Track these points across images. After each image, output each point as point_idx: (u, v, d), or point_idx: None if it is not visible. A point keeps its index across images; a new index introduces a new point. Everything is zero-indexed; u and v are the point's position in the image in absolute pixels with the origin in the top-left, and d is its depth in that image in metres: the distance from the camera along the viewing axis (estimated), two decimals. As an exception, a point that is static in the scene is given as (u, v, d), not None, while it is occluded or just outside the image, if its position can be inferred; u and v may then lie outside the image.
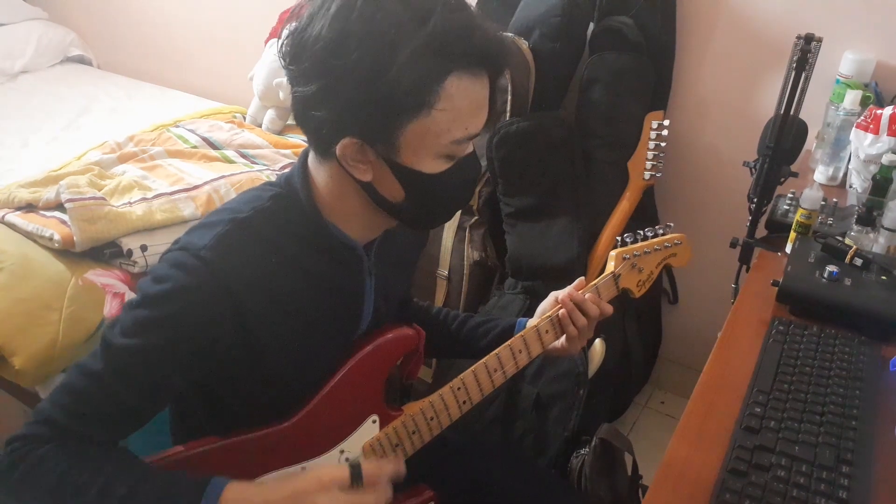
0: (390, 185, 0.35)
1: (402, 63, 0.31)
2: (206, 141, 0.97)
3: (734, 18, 0.80)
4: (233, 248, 0.34)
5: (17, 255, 0.71)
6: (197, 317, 0.33)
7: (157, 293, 0.34)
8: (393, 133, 0.33)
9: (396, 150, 0.33)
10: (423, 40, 0.31)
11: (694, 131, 0.87)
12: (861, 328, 0.47)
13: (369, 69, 0.31)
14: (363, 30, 0.31)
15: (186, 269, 0.34)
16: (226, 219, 0.35)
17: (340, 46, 0.31)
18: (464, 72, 0.32)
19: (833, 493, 0.35)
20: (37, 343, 0.65)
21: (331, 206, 0.37)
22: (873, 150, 0.63)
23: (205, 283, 0.33)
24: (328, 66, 0.31)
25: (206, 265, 0.33)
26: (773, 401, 0.41)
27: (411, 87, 0.31)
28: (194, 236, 0.35)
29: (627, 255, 0.46)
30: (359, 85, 0.31)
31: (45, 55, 1.33)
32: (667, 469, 0.38)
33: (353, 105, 0.32)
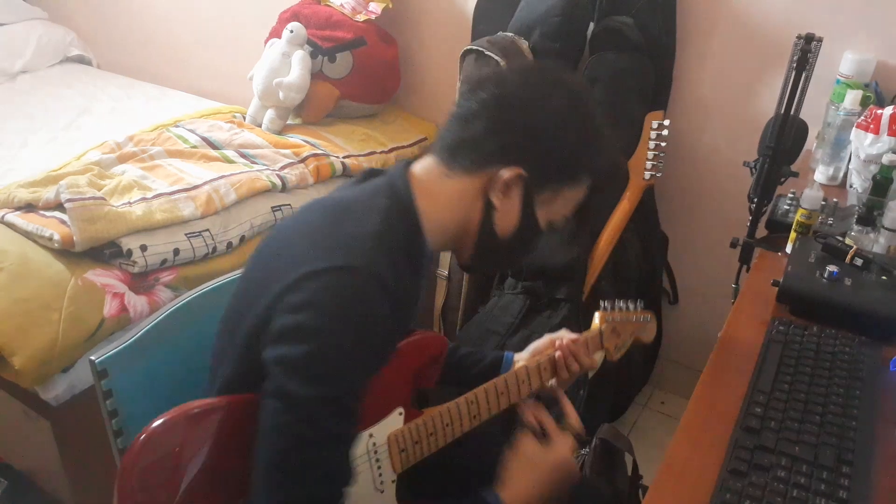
0: (509, 219, 0.41)
1: (588, 153, 0.41)
2: (206, 141, 0.97)
3: (734, 18, 0.80)
4: (385, 261, 0.36)
5: (17, 255, 0.71)
6: (390, 332, 0.36)
7: (344, 324, 0.33)
8: (552, 185, 0.41)
9: (540, 196, 0.41)
10: (602, 151, 0.42)
11: (694, 131, 0.87)
12: (861, 328, 0.47)
13: (573, 143, 0.40)
14: (581, 119, 0.41)
15: (362, 290, 0.34)
16: (370, 232, 0.36)
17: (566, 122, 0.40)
18: (594, 180, 0.42)
19: (833, 493, 0.35)
20: (37, 343, 0.65)
21: (433, 216, 0.40)
22: (873, 150, 0.63)
23: (384, 299, 0.35)
24: (538, 130, 0.40)
25: (379, 282, 0.35)
26: (773, 401, 0.41)
27: (582, 168, 0.41)
28: (346, 255, 0.35)
29: (610, 318, 0.53)
30: (557, 148, 0.40)
31: (45, 55, 1.33)
32: (667, 469, 0.38)
33: (547, 157, 0.40)
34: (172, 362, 0.48)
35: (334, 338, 0.33)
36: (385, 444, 0.41)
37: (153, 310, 0.71)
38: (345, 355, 0.33)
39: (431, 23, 1.02)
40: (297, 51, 1.00)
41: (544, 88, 0.40)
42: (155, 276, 0.74)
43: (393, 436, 0.41)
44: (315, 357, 0.33)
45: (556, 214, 0.42)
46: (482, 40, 0.83)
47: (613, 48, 0.80)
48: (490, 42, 0.82)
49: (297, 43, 1.01)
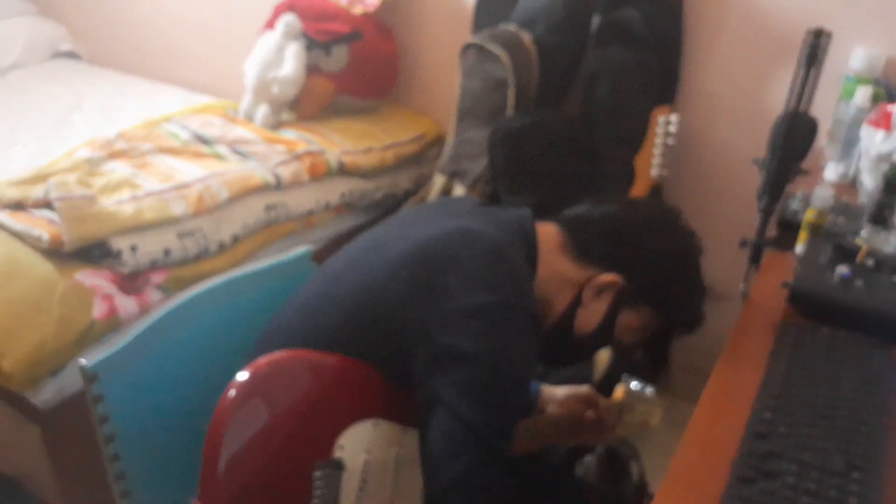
0: (590, 319, 0.43)
1: (685, 297, 0.45)
2: (198, 137, 0.95)
3: (743, 12, 0.78)
4: (529, 297, 0.40)
5: (5, 255, 0.69)
6: (534, 351, 0.39)
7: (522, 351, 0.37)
8: (636, 304, 0.43)
9: (625, 311, 0.43)
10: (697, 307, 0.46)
11: (703, 127, 0.86)
12: (873, 330, 0.46)
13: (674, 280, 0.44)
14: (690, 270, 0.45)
15: (518, 322, 0.37)
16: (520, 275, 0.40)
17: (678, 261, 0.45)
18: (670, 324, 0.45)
19: (843, 499, 0.34)
20: (26, 345, 0.63)
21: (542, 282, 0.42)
22: (884, 148, 0.62)
23: (529, 324, 0.38)
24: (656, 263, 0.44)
25: (526, 312, 0.38)
26: (782, 405, 0.40)
27: (676, 308, 0.45)
28: (510, 293, 0.38)
29: (629, 394, 0.54)
30: (665, 270, 0.44)
31: (35, 51, 1.30)
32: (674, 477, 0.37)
33: (650, 277, 0.43)
34: (164, 366, 0.47)
35: (508, 368, 0.36)
36: None
37: (144, 311, 0.69)
38: (514, 385, 0.37)
39: (431, 15, 1.00)
40: (292, 44, 0.98)
41: (667, 224, 0.44)
42: (146, 277, 0.72)
43: None
44: (490, 386, 0.36)
45: (630, 333, 0.44)
46: (483, 34, 0.82)
47: (618, 42, 0.79)
48: (491, 35, 0.81)
49: (292, 36, 0.99)
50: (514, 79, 0.79)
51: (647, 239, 0.43)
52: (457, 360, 0.35)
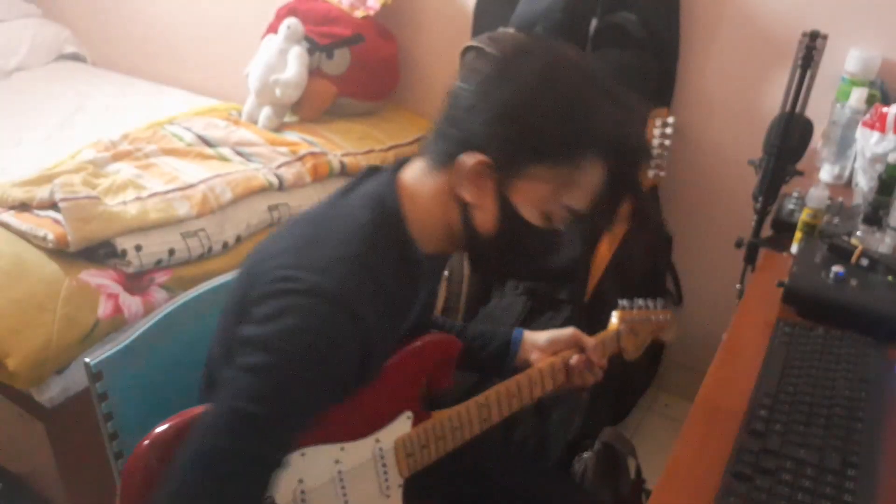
0: (487, 215, 0.36)
1: (577, 118, 0.33)
2: (202, 139, 0.96)
3: (739, 14, 0.79)
4: (360, 288, 0.34)
5: (11, 255, 0.70)
6: (340, 363, 0.33)
7: (298, 349, 0.31)
8: (523, 167, 0.34)
9: (513, 185, 0.35)
10: (598, 114, 0.34)
11: (699, 129, 0.86)
12: (868, 329, 0.47)
13: (544, 108, 0.33)
14: (559, 82, 0.34)
15: (325, 319, 0.32)
16: (348, 255, 0.34)
17: (533, 82, 0.33)
18: (603, 159, 0.34)
19: (839, 496, 0.34)
20: (31, 344, 0.64)
21: (417, 225, 0.37)
22: (879, 149, 0.62)
23: (344, 330, 0.32)
24: (513, 88, 0.33)
25: (345, 311, 0.32)
26: (778, 403, 0.40)
27: (570, 141, 0.33)
28: (318, 276, 0.33)
29: (629, 318, 0.51)
30: (525, 115, 0.33)
31: (40, 53, 1.32)
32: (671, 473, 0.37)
33: (507, 128, 0.33)
34: (168, 364, 0.47)
35: (286, 360, 0.32)
36: (392, 448, 0.40)
37: (148, 311, 0.70)
38: (291, 380, 0.32)
39: (431, 18, 1.01)
40: (294, 47, 0.99)
41: (512, 60, 0.34)
42: (150, 277, 0.73)
43: (400, 440, 0.40)
44: (261, 374, 0.32)
45: (553, 205, 0.35)
46: (483, 36, 0.82)
47: (616, 44, 0.79)
48: (491, 38, 0.82)
49: (294, 39, 0.99)
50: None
51: (490, 95, 0.33)
52: (242, 344, 0.32)
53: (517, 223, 0.35)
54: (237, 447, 0.31)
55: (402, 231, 0.36)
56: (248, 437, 0.32)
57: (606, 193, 0.36)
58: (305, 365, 0.32)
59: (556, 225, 0.37)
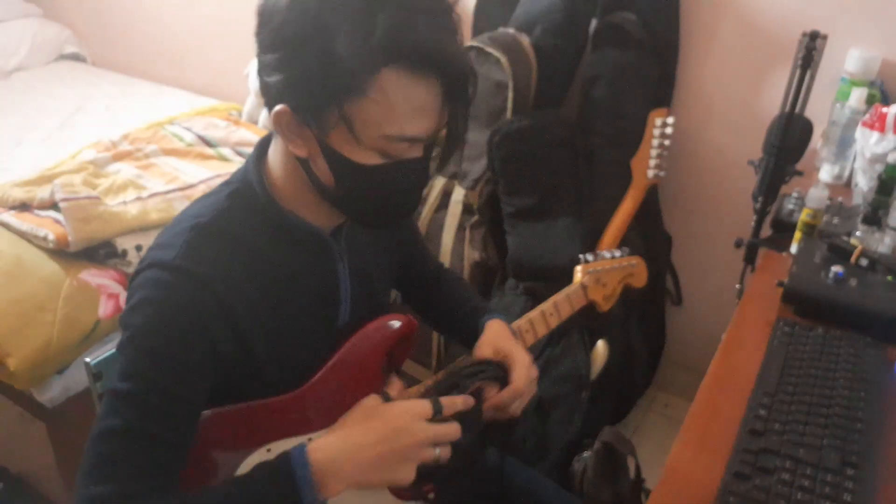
0: (322, 168, 0.34)
1: (342, 44, 0.30)
2: (202, 139, 0.96)
3: (739, 14, 0.79)
4: (203, 252, 0.34)
5: (12, 256, 0.70)
6: (192, 325, 0.32)
7: (144, 319, 0.33)
8: (323, 112, 0.31)
9: (327, 131, 0.32)
10: (366, 27, 0.30)
11: (698, 129, 0.86)
12: (867, 329, 0.47)
13: (305, 43, 0.30)
14: (312, 5, 0.30)
15: (164, 285, 0.33)
16: (188, 226, 0.34)
17: (290, 14, 0.31)
18: (403, 69, 0.30)
19: (838, 496, 0.34)
20: (31, 344, 0.64)
21: (287, 194, 0.36)
22: (879, 149, 0.62)
23: (187, 291, 0.32)
24: (276, 28, 0.31)
25: (182, 273, 0.32)
26: (777, 403, 0.40)
27: (345, 69, 0.30)
28: (160, 252, 0.34)
29: (591, 269, 0.51)
30: (298, 56, 0.31)
31: (40, 53, 1.32)
32: (670, 472, 0.37)
33: (290, 74, 0.31)
34: (168, 364, 0.48)
35: (138, 332, 0.32)
36: None
37: (149, 310, 0.71)
38: (148, 351, 0.32)
39: (431, 19, 1.02)
40: (295, 48, 1.00)
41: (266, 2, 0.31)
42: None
43: None
44: (123, 351, 0.33)
45: (378, 142, 0.32)
46: (483, 36, 0.82)
47: (616, 45, 0.79)
48: (491, 38, 0.81)
49: (295, 40, 1.00)
50: (513, 81, 0.79)
51: (288, 47, 0.30)
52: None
53: (349, 166, 0.33)
54: (117, 426, 0.31)
55: (264, 196, 0.35)
56: (126, 415, 0.31)
57: (432, 104, 0.32)
58: (156, 332, 0.32)
59: (400, 156, 0.33)
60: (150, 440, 0.32)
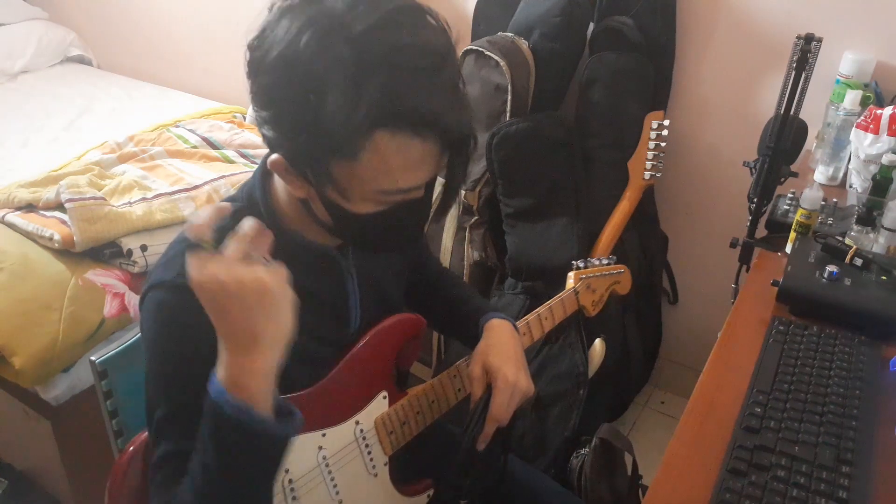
0: (322, 211, 0.34)
1: (331, 108, 0.29)
2: (207, 141, 0.97)
3: (734, 18, 0.80)
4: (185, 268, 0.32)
5: (18, 255, 0.71)
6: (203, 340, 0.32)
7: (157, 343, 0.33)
8: (318, 166, 0.32)
9: (323, 182, 0.32)
10: (356, 93, 0.29)
11: (694, 131, 0.87)
12: (861, 328, 0.47)
13: (303, 103, 0.30)
14: (300, 67, 0.29)
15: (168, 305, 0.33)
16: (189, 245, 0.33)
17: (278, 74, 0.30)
18: (398, 130, 0.30)
19: (833, 493, 0.35)
20: (37, 343, 0.65)
21: (291, 214, 0.37)
22: (873, 150, 0.63)
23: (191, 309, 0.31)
24: (265, 93, 0.31)
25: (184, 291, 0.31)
26: (772, 401, 0.41)
27: (338, 131, 0.29)
28: (161, 271, 0.35)
29: (584, 275, 0.54)
30: (287, 117, 0.31)
31: (45, 55, 1.33)
32: (667, 469, 0.38)
33: (282, 132, 0.32)
34: (173, 362, 0.48)
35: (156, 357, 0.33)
36: (373, 428, 0.41)
37: (153, 310, 0.71)
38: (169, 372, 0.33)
39: (431, 23, 1.03)
40: (297, 51, 1.01)
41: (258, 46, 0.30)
42: (155, 276, 0.75)
43: (380, 419, 0.41)
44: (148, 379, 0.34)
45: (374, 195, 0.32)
46: (482, 40, 0.83)
47: (613, 48, 0.80)
48: (490, 42, 0.82)
49: (297, 43, 1.01)
50: (511, 84, 0.80)
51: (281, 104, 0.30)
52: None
53: (346, 214, 0.33)
54: (168, 451, 0.33)
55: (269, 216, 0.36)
56: (171, 438, 0.33)
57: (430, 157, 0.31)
58: (170, 354, 0.33)
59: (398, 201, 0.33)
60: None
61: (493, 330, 0.45)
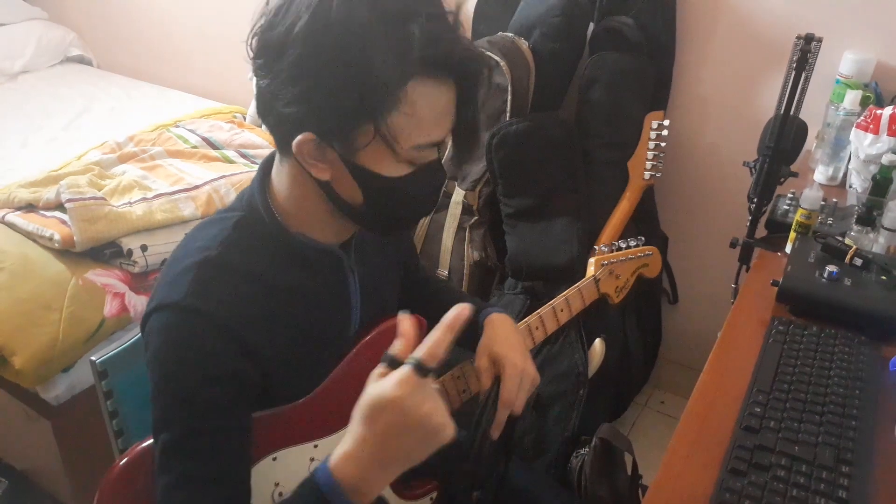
0: (349, 186, 0.34)
1: (365, 64, 0.30)
2: (207, 141, 0.97)
3: (734, 18, 0.80)
4: (211, 288, 0.34)
5: (18, 255, 0.71)
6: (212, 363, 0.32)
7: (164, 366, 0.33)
8: (351, 132, 0.32)
9: (355, 150, 0.32)
10: (389, 44, 0.30)
11: (694, 131, 0.87)
12: (861, 328, 0.47)
13: (333, 68, 0.30)
14: (335, 29, 0.30)
15: (176, 327, 0.33)
16: (194, 262, 0.34)
17: (310, 42, 0.31)
18: (427, 78, 0.31)
19: (833, 493, 0.35)
20: (37, 343, 0.65)
21: (295, 215, 0.36)
22: (873, 150, 0.63)
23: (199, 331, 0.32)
24: (294, 60, 0.31)
25: (192, 313, 0.33)
26: (772, 401, 0.41)
27: (381, 85, 0.30)
28: (168, 291, 0.34)
29: (605, 261, 0.50)
30: (320, 82, 0.31)
31: (45, 55, 1.33)
32: (667, 469, 0.38)
33: (314, 103, 0.31)
34: (173, 362, 0.48)
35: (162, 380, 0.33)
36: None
37: (153, 310, 0.72)
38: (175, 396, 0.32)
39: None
40: (298, 51, 1.01)
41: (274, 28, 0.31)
42: (155, 276, 0.75)
43: None
44: (154, 402, 0.33)
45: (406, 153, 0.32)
46: (482, 40, 0.83)
47: (614, 48, 0.80)
48: (490, 42, 0.82)
49: (297, 43, 1.01)
50: (512, 84, 0.80)
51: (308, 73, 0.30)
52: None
53: (380, 181, 0.33)
54: (174, 480, 0.32)
55: (272, 222, 0.35)
56: (180, 465, 0.32)
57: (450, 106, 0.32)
58: (179, 377, 0.32)
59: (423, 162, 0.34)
60: (207, 481, 0.32)
61: (493, 323, 0.44)
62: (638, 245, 0.52)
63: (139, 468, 0.36)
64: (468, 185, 0.87)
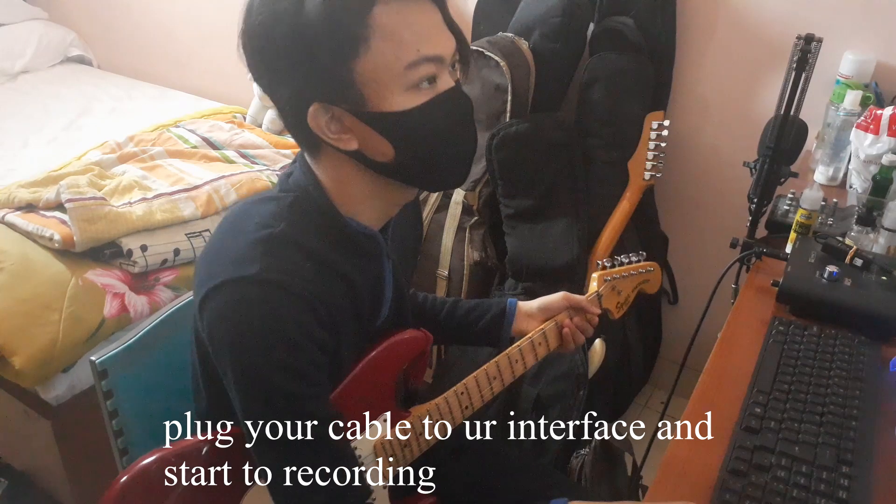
0: (377, 142, 0.33)
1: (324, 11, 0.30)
2: (207, 141, 0.97)
3: (734, 19, 0.80)
4: (283, 261, 0.33)
5: (18, 255, 0.71)
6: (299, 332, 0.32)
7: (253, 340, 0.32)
8: (345, 82, 0.31)
9: (360, 98, 0.32)
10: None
11: (694, 131, 0.87)
12: (861, 328, 0.47)
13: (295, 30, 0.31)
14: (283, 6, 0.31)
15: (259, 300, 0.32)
16: (260, 237, 0.34)
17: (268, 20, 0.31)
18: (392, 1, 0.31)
19: (833, 493, 0.35)
20: (37, 343, 0.65)
21: (343, 200, 0.36)
22: (873, 151, 0.63)
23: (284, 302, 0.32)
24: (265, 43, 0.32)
25: (273, 286, 0.32)
26: (773, 401, 0.41)
27: (336, 30, 0.30)
28: (238, 266, 0.33)
29: (608, 277, 0.49)
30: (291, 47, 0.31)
31: (46, 55, 1.33)
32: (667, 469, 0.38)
33: (296, 69, 0.32)
34: (173, 362, 0.48)
35: (246, 352, 0.32)
36: (371, 454, 0.39)
37: (154, 310, 0.71)
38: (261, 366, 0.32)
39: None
40: (298, 51, 1.01)
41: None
42: (155, 276, 0.74)
43: (379, 444, 0.40)
44: (239, 374, 0.33)
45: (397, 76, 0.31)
46: (482, 41, 0.83)
47: (613, 49, 0.80)
48: (490, 42, 0.82)
49: (298, 43, 1.02)
50: (512, 84, 0.80)
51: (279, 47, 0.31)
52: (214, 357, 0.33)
53: (399, 119, 0.32)
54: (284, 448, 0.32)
55: (325, 208, 0.36)
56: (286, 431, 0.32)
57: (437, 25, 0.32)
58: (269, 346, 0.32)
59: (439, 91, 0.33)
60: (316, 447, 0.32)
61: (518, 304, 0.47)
62: (640, 260, 0.52)
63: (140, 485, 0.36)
64: (468, 186, 0.87)
